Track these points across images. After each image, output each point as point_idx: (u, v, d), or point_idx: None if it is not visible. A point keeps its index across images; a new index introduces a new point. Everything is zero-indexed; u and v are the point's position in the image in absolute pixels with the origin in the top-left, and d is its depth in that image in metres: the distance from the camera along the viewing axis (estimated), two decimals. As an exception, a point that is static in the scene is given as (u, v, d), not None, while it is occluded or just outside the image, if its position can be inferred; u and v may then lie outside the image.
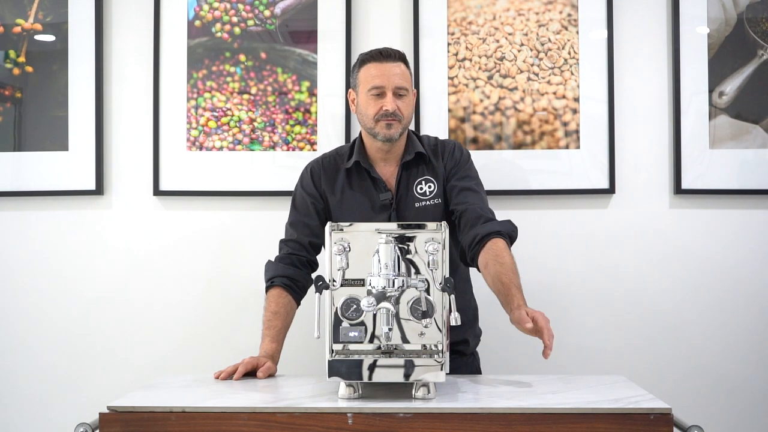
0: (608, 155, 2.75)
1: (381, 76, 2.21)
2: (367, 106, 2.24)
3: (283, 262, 2.28)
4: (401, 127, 2.24)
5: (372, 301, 1.74)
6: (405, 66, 2.26)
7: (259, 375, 2.04)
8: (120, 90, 2.85)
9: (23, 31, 2.85)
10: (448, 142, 2.36)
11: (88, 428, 1.67)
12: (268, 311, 2.20)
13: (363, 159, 2.29)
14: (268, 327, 2.18)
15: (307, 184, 2.33)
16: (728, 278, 2.76)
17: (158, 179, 2.82)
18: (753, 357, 2.75)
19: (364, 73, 2.25)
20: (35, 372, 2.83)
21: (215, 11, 2.83)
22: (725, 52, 2.76)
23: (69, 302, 2.84)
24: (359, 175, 2.30)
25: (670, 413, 1.66)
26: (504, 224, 2.16)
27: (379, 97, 2.22)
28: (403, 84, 2.23)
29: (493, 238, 2.10)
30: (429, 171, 2.29)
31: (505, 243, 2.10)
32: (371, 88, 2.22)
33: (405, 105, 2.24)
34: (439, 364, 1.77)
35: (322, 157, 2.37)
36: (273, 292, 2.23)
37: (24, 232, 2.85)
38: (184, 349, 2.81)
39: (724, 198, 2.77)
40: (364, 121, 2.27)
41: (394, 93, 2.22)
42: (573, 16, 2.77)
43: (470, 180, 2.28)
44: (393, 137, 2.23)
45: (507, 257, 2.06)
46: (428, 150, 2.32)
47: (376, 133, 2.24)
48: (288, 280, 2.23)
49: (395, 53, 2.25)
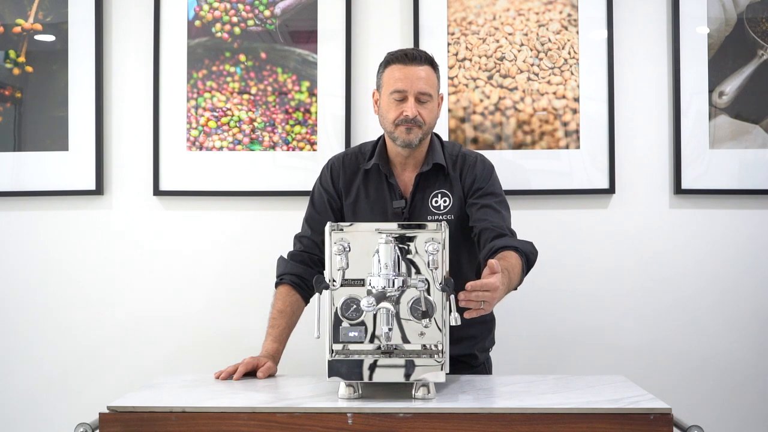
0: (608, 155, 2.75)
1: (404, 79, 2.13)
2: (388, 109, 2.16)
3: (295, 260, 2.26)
4: (422, 133, 2.16)
5: (372, 301, 1.74)
6: (432, 69, 2.17)
7: (259, 375, 2.04)
8: (120, 90, 2.85)
9: (23, 31, 2.85)
10: (469, 157, 2.26)
11: (88, 428, 1.67)
12: (274, 309, 2.19)
13: (383, 162, 2.23)
14: (272, 326, 2.17)
15: (326, 180, 2.29)
16: (728, 278, 2.76)
17: (158, 179, 2.82)
18: (753, 357, 2.75)
19: (387, 74, 2.17)
20: (35, 372, 2.83)
21: (215, 11, 2.83)
22: (725, 52, 2.76)
23: (69, 302, 2.83)
24: (377, 178, 2.24)
25: (670, 413, 1.66)
26: (524, 243, 2.07)
27: (400, 102, 2.14)
28: (426, 89, 2.13)
29: (510, 251, 2.01)
30: (446, 184, 2.22)
31: (519, 258, 2.00)
32: (393, 91, 2.14)
33: (427, 111, 2.15)
34: (439, 364, 1.77)
35: (344, 154, 2.32)
36: (281, 289, 2.21)
37: (24, 232, 2.86)
38: (184, 349, 2.81)
39: (724, 198, 2.76)
40: (384, 124, 2.20)
41: (417, 98, 2.13)
42: (573, 16, 2.77)
43: (492, 197, 2.19)
44: (412, 143, 2.16)
45: (513, 260, 1.97)
46: (448, 161, 2.23)
47: (395, 138, 2.17)
48: (297, 279, 2.22)
49: (421, 55, 2.16)
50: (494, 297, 1.75)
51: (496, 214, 2.16)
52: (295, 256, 2.27)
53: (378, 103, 2.23)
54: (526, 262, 2.03)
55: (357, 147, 2.34)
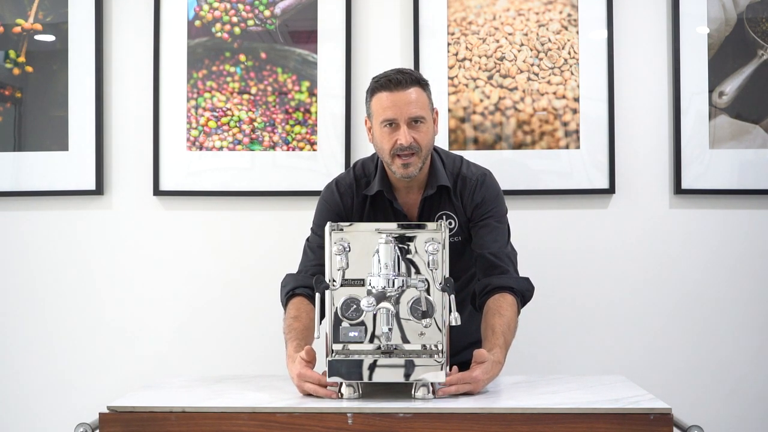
0: (608, 155, 2.75)
1: (393, 107, 2.03)
2: (381, 139, 2.07)
3: (307, 273, 2.13)
4: (420, 161, 2.07)
5: (372, 301, 1.74)
6: (421, 89, 2.07)
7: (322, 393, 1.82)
8: (120, 90, 2.85)
9: (23, 31, 2.85)
10: (470, 179, 2.17)
11: (88, 428, 1.67)
12: (288, 317, 2.05)
13: (386, 188, 2.15)
14: (290, 331, 2.01)
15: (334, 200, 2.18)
16: (728, 278, 2.76)
17: (158, 179, 2.82)
18: (753, 357, 2.75)
19: (375, 103, 2.07)
20: (35, 372, 2.83)
21: (215, 11, 2.83)
22: (725, 52, 2.76)
23: (69, 302, 2.84)
24: (382, 204, 2.17)
25: (670, 413, 1.66)
26: (520, 281, 2.08)
27: (393, 130, 2.04)
28: (417, 113, 2.04)
29: (505, 292, 2.03)
30: (450, 206, 2.15)
31: (514, 300, 2.03)
32: (383, 120, 2.05)
33: (422, 135, 2.05)
34: (439, 364, 1.77)
35: (350, 179, 2.21)
36: (294, 301, 2.09)
37: (24, 232, 2.86)
38: (184, 349, 2.81)
39: (724, 198, 2.77)
40: (381, 154, 2.12)
41: (409, 124, 2.04)
42: (573, 16, 2.77)
43: (493, 219, 2.14)
44: (411, 175, 2.08)
45: (508, 312, 1.99)
46: (450, 179, 2.16)
47: (394, 171, 2.09)
48: (310, 291, 2.07)
49: (407, 78, 2.05)
50: (477, 388, 1.82)
51: (494, 237, 2.12)
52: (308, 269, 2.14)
53: (371, 131, 2.13)
54: (521, 300, 2.07)
55: (360, 169, 2.23)
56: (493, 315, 1.99)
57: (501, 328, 1.95)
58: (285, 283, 2.15)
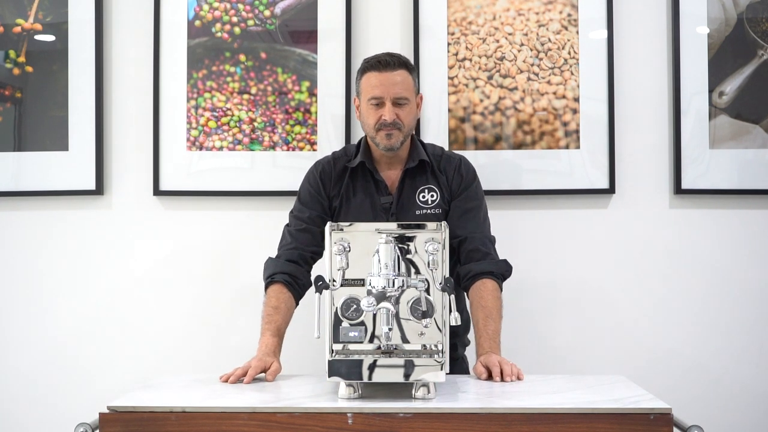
0: (608, 155, 2.75)
1: (380, 86, 2.22)
2: (368, 115, 2.26)
3: (285, 259, 2.26)
4: (402, 135, 2.25)
5: (372, 301, 1.74)
6: (407, 72, 2.26)
7: (269, 378, 2.00)
8: (120, 90, 2.85)
9: (23, 31, 2.85)
10: (453, 158, 2.36)
11: (88, 428, 1.67)
12: (268, 306, 2.18)
13: (368, 160, 2.31)
14: (269, 322, 2.15)
15: (315, 180, 2.34)
16: (728, 278, 2.76)
17: (158, 179, 2.82)
18: (753, 357, 2.75)
19: (364, 82, 2.26)
20: (35, 372, 2.83)
21: (215, 11, 2.83)
22: (725, 52, 2.76)
23: (69, 302, 2.84)
24: (363, 176, 2.32)
25: (670, 413, 1.66)
26: (499, 264, 2.23)
27: (378, 107, 2.23)
28: (402, 93, 2.23)
29: (485, 278, 2.19)
30: (433, 180, 2.31)
31: (494, 284, 2.19)
32: (371, 98, 2.23)
33: (405, 113, 2.24)
34: (439, 364, 1.77)
35: (331, 156, 2.38)
36: (274, 287, 2.21)
37: (24, 232, 2.86)
38: (184, 349, 2.81)
39: (724, 198, 2.77)
40: (366, 129, 2.30)
41: (394, 102, 2.22)
42: (573, 16, 2.77)
43: (472, 201, 2.30)
44: (394, 147, 2.25)
45: (490, 300, 2.15)
46: (432, 159, 2.33)
47: (377, 143, 2.27)
48: (289, 277, 2.22)
49: (395, 61, 2.25)
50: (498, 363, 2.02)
51: (476, 222, 2.29)
52: (286, 254, 2.27)
53: (359, 108, 2.31)
54: (502, 279, 2.23)
55: (341, 149, 2.41)
56: (477, 313, 2.15)
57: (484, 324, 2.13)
58: (266, 266, 2.28)
